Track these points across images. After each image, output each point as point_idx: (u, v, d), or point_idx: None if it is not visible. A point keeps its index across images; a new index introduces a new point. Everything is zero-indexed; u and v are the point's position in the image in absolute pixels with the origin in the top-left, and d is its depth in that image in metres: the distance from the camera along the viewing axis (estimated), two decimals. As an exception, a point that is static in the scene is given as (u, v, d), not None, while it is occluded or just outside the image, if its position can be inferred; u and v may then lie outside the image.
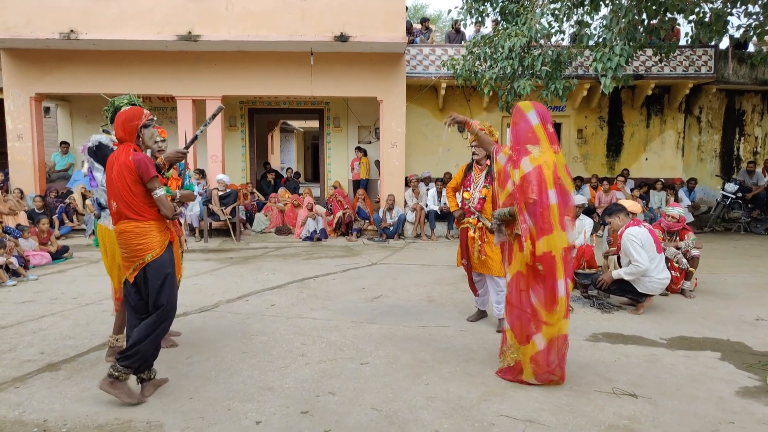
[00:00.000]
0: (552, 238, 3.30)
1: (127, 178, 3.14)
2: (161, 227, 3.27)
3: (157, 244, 3.21)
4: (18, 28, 9.34)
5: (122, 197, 3.16)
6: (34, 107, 10.26)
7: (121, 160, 3.16)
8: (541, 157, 3.33)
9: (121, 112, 3.30)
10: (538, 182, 3.27)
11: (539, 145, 3.38)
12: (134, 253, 3.18)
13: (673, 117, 12.83)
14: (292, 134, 23.87)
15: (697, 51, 11.48)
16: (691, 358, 4.02)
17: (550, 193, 3.27)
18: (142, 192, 3.18)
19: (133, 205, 3.17)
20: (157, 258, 3.19)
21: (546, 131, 3.42)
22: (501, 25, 9.61)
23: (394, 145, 10.66)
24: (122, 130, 3.24)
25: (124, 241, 3.19)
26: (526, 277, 3.44)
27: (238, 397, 3.31)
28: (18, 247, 7.01)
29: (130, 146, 3.23)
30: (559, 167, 3.37)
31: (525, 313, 3.46)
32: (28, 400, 3.24)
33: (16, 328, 4.68)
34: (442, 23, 25.37)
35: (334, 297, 5.78)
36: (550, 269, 3.33)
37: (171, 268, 3.27)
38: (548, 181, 3.27)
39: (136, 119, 3.27)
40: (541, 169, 3.29)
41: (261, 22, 9.62)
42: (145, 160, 3.15)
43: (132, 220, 3.18)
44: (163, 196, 3.22)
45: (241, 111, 12.50)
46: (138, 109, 3.34)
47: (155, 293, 3.19)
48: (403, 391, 3.40)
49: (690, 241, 5.95)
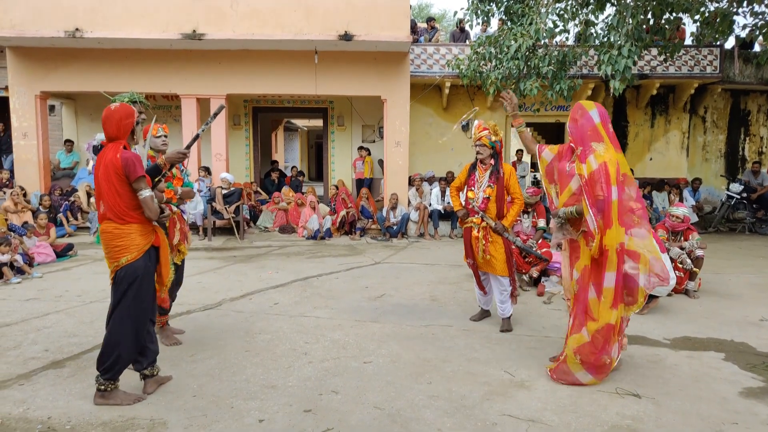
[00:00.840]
0: (610, 233, 3.33)
1: (112, 177, 3.03)
2: (144, 230, 3.16)
3: (135, 248, 3.11)
4: (24, 27, 9.37)
5: (106, 198, 3.07)
6: (39, 105, 10.30)
7: (108, 159, 3.05)
8: (606, 154, 3.36)
9: (114, 110, 3.14)
10: (605, 178, 3.31)
11: (602, 143, 3.41)
12: (111, 253, 3.11)
13: (677, 117, 12.78)
14: (296, 133, 23.89)
15: (702, 51, 11.43)
16: (694, 358, 4.01)
17: (612, 190, 3.31)
18: (128, 192, 3.07)
19: (116, 208, 3.07)
20: (131, 262, 3.10)
21: (607, 130, 3.45)
22: (506, 25, 9.59)
23: (398, 144, 10.66)
24: (116, 128, 3.11)
25: (104, 241, 3.13)
26: (590, 271, 3.48)
27: (241, 395, 3.31)
28: (23, 244, 7.04)
29: (120, 144, 3.10)
30: (622, 165, 3.41)
31: (584, 305, 3.51)
32: (32, 398, 3.26)
33: (21, 325, 4.70)
34: (446, 22, 25.35)
35: (338, 296, 5.78)
36: (603, 261, 3.39)
37: (144, 276, 3.16)
38: (612, 178, 3.31)
39: (131, 117, 3.15)
40: (606, 166, 3.32)
41: (265, 21, 9.62)
42: (133, 159, 3.04)
43: (113, 222, 3.10)
44: (148, 197, 3.10)
45: (245, 110, 12.52)
46: (129, 106, 3.21)
47: (116, 297, 3.13)
48: (406, 389, 3.40)
49: (694, 242, 5.93)
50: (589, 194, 3.35)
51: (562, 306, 5.40)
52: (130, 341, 3.17)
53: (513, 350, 4.14)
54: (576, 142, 3.49)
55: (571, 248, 3.69)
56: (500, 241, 4.50)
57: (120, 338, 3.12)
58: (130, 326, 3.15)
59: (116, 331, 3.12)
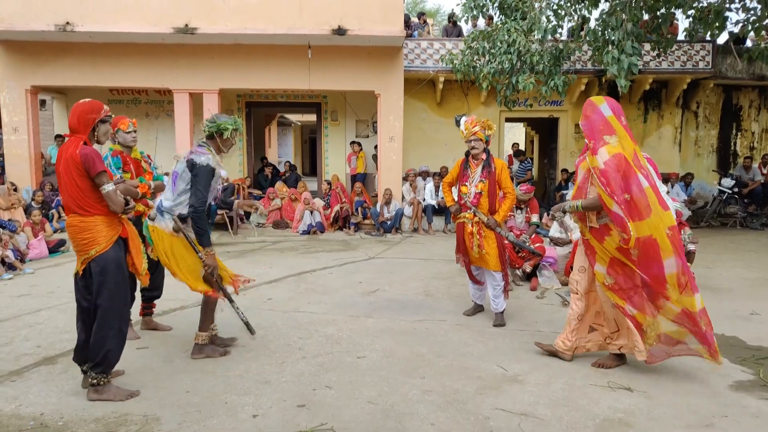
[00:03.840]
0: (651, 222, 3.26)
1: (72, 172, 3.03)
2: (109, 222, 3.16)
3: (103, 239, 3.11)
4: (13, 20, 9.26)
5: (68, 191, 3.07)
6: (29, 100, 10.19)
7: (68, 153, 3.05)
8: (620, 145, 3.32)
9: (79, 103, 3.17)
10: (625, 170, 3.24)
11: (615, 134, 3.36)
12: (80, 247, 3.11)
13: (670, 112, 12.83)
14: (289, 128, 23.80)
15: (695, 46, 11.47)
16: (686, 352, 4.04)
17: (639, 178, 3.25)
18: (89, 186, 3.07)
19: (78, 200, 3.07)
20: (102, 253, 3.10)
21: (621, 123, 3.40)
22: (500, 20, 9.57)
23: (392, 139, 10.64)
24: (77, 121, 3.10)
25: (71, 234, 3.14)
26: (622, 262, 3.39)
27: (235, 390, 3.31)
28: (13, 240, 6.99)
29: (81, 139, 3.10)
30: (640, 156, 3.37)
31: (643, 289, 3.40)
32: (24, 394, 3.24)
33: (13, 321, 4.68)
34: (440, 17, 25.29)
35: (332, 291, 5.79)
36: (654, 252, 3.28)
37: (117, 266, 3.17)
38: (633, 166, 3.26)
39: (94, 113, 3.14)
40: (622, 157, 3.27)
41: (258, 15, 9.56)
42: (92, 155, 3.04)
43: (77, 215, 3.09)
44: (111, 191, 3.10)
45: (238, 104, 12.44)
46: (97, 102, 3.21)
47: (96, 291, 3.12)
48: (400, 384, 3.41)
49: (686, 236, 5.95)
50: (608, 185, 3.24)
51: (555, 301, 5.43)
52: (116, 333, 3.17)
53: (506, 345, 4.16)
54: (588, 137, 3.46)
55: (585, 243, 3.67)
56: (493, 236, 4.51)
57: (106, 331, 3.12)
58: (114, 317, 3.15)
59: (102, 325, 3.11)
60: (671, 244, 3.28)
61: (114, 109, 8.80)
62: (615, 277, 3.47)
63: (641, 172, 3.29)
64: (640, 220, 3.26)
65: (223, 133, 3.75)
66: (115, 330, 3.16)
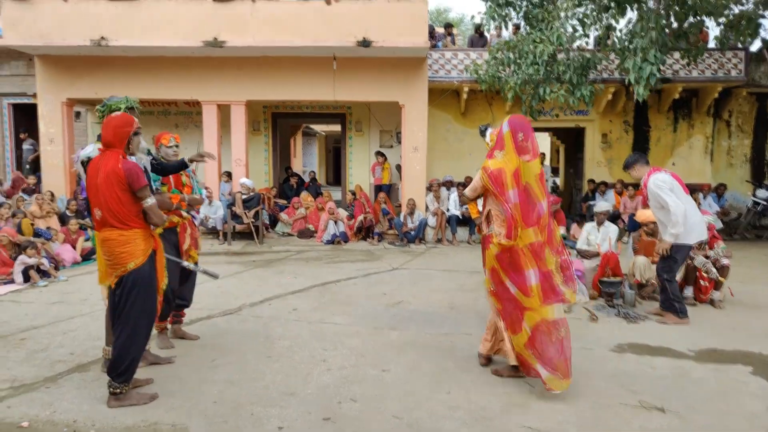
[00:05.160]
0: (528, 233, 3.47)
1: (114, 186, 3.08)
2: (146, 235, 3.24)
3: (140, 253, 3.18)
4: (51, 36, 9.61)
5: (108, 205, 3.10)
6: (65, 112, 10.54)
7: (109, 167, 3.09)
8: (503, 161, 3.55)
9: (112, 117, 3.24)
10: (501, 183, 3.51)
11: (504, 150, 3.57)
12: (117, 259, 3.15)
13: (701, 121, 12.54)
14: (314, 138, 24.03)
15: (726, 54, 11.21)
16: (721, 371, 3.93)
17: (510, 193, 3.49)
18: (130, 200, 3.13)
19: (119, 214, 3.11)
20: (139, 267, 3.16)
21: (514, 139, 3.53)
22: (525, 30, 9.53)
23: (416, 149, 10.65)
24: (113, 135, 3.17)
25: (108, 248, 3.16)
26: (498, 271, 3.60)
27: (261, 401, 3.34)
28: (49, 247, 7.20)
29: (119, 153, 3.16)
30: (525, 174, 3.50)
31: (510, 302, 3.58)
32: (58, 401, 3.33)
33: (48, 328, 4.81)
34: (464, 26, 25.30)
35: (355, 302, 5.80)
36: (516, 262, 3.51)
37: (151, 279, 3.24)
38: (508, 183, 3.49)
39: (128, 126, 3.22)
40: (501, 172, 3.52)
41: (285, 28, 9.72)
42: (135, 169, 3.12)
43: (116, 229, 3.13)
44: (153, 205, 3.19)
45: (264, 116, 12.64)
46: (129, 116, 3.27)
47: (126, 302, 3.16)
48: (425, 399, 3.39)
49: (720, 250, 5.81)
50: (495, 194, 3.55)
51: (583, 315, 5.34)
52: (141, 343, 3.25)
53: (533, 360, 4.10)
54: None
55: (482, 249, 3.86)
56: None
57: (132, 342, 3.18)
58: (143, 329, 3.23)
59: (128, 335, 3.17)
60: (534, 258, 3.49)
61: (144, 120, 9.01)
62: (495, 285, 3.66)
63: (515, 189, 3.48)
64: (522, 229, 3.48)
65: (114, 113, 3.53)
66: (140, 341, 3.24)
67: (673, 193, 4.86)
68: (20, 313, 5.31)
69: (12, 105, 12.09)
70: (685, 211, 4.84)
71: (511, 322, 3.59)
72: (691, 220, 4.93)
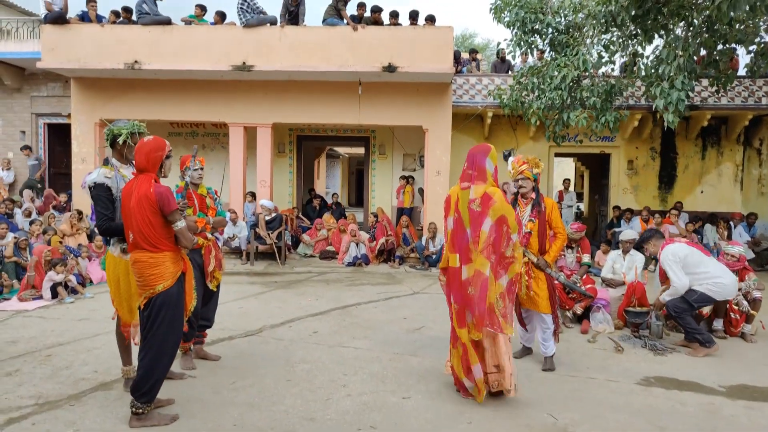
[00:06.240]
0: (452, 257, 3.75)
1: (146, 209, 3.15)
2: (175, 258, 3.30)
3: (169, 275, 3.23)
4: (87, 59, 9.99)
5: (139, 228, 3.17)
6: (98, 132, 10.86)
7: (141, 192, 3.17)
8: (453, 189, 3.84)
9: (145, 142, 3.28)
10: (446, 210, 3.85)
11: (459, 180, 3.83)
12: (146, 281, 3.20)
13: (731, 149, 12.32)
14: (337, 160, 24.29)
15: (757, 81, 11.05)
16: (754, 409, 3.78)
17: (448, 220, 3.81)
18: (161, 223, 3.20)
19: (150, 237, 3.18)
20: (168, 289, 3.22)
21: (466, 168, 3.75)
22: (550, 56, 9.55)
23: (439, 173, 10.67)
24: (146, 161, 3.24)
25: (138, 270, 3.22)
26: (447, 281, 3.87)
27: (280, 426, 3.33)
28: (78, 266, 7.37)
29: (151, 177, 3.25)
30: (461, 201, 3.70)
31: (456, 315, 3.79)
32: (81, 419, 3.37)
33: (73, 345, 4.89)
34: (489, 52, 25.48)
35: (376, 326, 5.77)
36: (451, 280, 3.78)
37: (178, 301, 3.29)
38: (450, 209, 3.78)
39: (160, 150, 3.29)
40: (447, 200, 3.84)
41: (312, 53, 9.93)
42: (166, 193, 3.19)
43: (146, 251, 3.20)
44: (184, 228, 3.26)
45: (289, 138, 12.84)
46: (161, 140, 3.32)
47: (153, 323, 3.20)
48: (445, 429, 3.34)
49: (751, 282, 5.64)
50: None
51: (608, 345, 5.21)
52: (166, 364, 3.28)
53: (556, 391, 4.01)
54: None
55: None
56: (543, 277, 4.41)
57: (156, 363, 3.22)
58: (167, 350, 3.26)
59: (153, 357, 3.21)
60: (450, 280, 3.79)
61: (173, 141, 9.22)
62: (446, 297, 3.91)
63: (454, 216, 3.73)
64: (449, 252, 3.79)
65: (117, 138, 3.59)
66: (165, 362, 3.27)
67: (681, 265, 5.01)
68: (47, 329, 5.42)
69: (47, 124, 12.53)
70: (684, 288, 5.02)
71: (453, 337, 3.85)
72: (719, 280, 5.01)
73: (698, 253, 5.04)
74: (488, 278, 3.59)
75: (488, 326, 3.58)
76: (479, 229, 3.61)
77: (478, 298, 3.58)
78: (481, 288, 3.59)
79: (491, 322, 3.57)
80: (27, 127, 12.40)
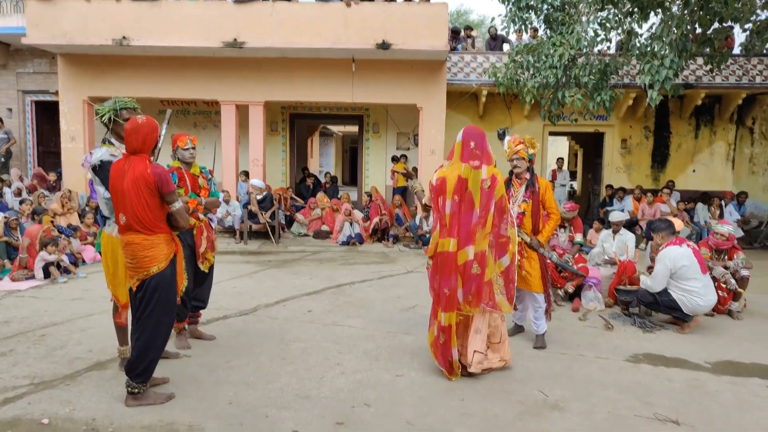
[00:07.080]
0: (445, 242, 3.67)
1: (143, 191, 3.11)
2: (168, 239, 3.28)
3: (163, 257, 3.22)
4: (74, 35, 9.77)
5: (134, 210, 3.12)
6: (86, 110, 10.70)
7: (137, 172, 3.11)
8: (448, 170, 3.72)
9: (141, 124, 3.18)
10: (441, 193, 3.70)
11: (450, 160, 3.76)
12: (140, 263, 3.18)
13: (723, 128, 12.35)
14: (331, 138, 24.12)
15: (751, 60, 11.02)
16: (738, 384, 3.87)
17: (448, 203, 3.67)
18: (157, 205, 3.17)
19: (144, 220, 3.14)
20: (161, 270, 3.21)
21: (464, 148, 3.70)
22: (545, 34, 9.47)
23: (433, 152, 10.64)
24: (142, 142, 3.18)
25: (131, 252, 3.18)
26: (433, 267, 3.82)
27: (275, 404, 3.37)
28: (70, 245, 7.34)
29: (145, 158, 3.19)
30: (472, 181, 3.64)
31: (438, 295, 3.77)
32: (77, 398, 3.39)
33: (67, 325, 4.90)
34: (484, 29, 25.18)
35: (370, 305, 5.81)
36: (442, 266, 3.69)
37: (171, 282, 3.29)
38: (448, 191, 3.66)
39: (155, 131, 3.26)
40: (443, 181, 3.69)
41: (304, 30, 9.78)
42: (164, 174, 3.16)
43: (140, 233, 3.17)
44: (181, 209, 3.24)
45: (282, 116, 12.73)
46: (154, 121, 3.27)
47: (147, 305, 3.20)
48: (438, 406, 3.40)
49: (739, 261, 5.72)
50: (433, 201, 3.79)
51: (599, 323, 5.29)
52: (160, 345, 3.30)
53: (547, 368, 4.08)
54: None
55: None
56: (536, 257, 4.44)
57: (151, 344, 3.24)
58: (162, 332, 3.28)
59: (147, 338, 3.22)
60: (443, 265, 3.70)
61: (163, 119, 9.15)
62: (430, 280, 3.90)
63: (454, 199, 3.64)
64: (444, 238, 3.67)
65: (102, 118, 3.55)
66: (160, 343, 3.29)
67: (671, 273, 4.99)
68: (40, 309, 5.42)
69: (34, 102, 12.32)
70: (653, 290, 5.08)
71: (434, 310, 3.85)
72: (697, 300, 4.95)
73: (695, 269, 4.97)
74: (488, 256, 3.66)
75: (486, 303, 3.66)
76: (489, 208, 3.67)
77: (480, 275, 3.66)
78: (481, 265, 3.66)
79: (489, 298, 3.67)
80: (14, 105, 12.20)
